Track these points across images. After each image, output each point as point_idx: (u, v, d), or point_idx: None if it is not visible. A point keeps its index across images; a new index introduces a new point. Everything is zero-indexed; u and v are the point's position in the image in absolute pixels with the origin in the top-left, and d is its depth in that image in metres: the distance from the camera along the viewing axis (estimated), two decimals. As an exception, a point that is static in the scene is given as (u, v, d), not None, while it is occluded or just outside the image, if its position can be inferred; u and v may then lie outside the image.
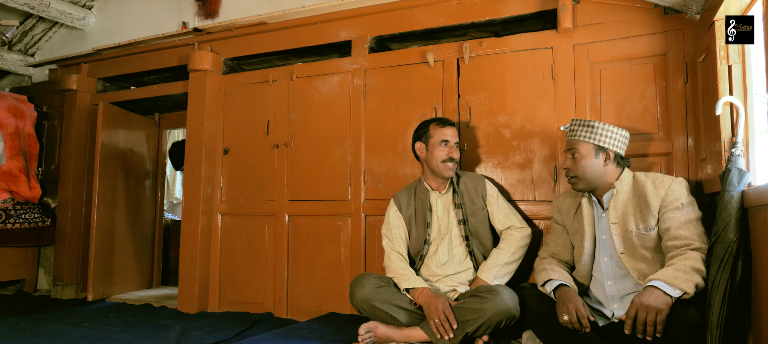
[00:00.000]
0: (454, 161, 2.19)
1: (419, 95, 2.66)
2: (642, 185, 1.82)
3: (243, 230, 3.06)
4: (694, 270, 1.59)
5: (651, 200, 1.78)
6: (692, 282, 1.56)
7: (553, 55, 2.40)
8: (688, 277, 1.57)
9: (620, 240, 1.82)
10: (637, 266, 1.78)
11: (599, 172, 1.85)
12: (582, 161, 1.85)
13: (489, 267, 2.12)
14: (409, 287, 2.09)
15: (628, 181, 1.86)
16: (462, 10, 2.61)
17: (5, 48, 4.10)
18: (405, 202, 2.31)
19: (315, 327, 2.43)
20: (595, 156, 1.84)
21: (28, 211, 3.56)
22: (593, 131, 1.84)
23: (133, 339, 2.34)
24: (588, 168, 1.84)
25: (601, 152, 1.84)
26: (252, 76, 3.12)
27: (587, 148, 1.85)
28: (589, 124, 1.86)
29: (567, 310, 1.71)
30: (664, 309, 1.51)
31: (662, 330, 1.51)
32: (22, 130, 3.68)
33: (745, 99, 1.76)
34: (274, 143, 3.00)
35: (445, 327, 1.93)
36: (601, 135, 1.84)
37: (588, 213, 1.92)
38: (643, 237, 1.78)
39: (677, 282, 1.56)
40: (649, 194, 1.79)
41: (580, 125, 1.88)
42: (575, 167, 1.86)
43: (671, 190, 1.76)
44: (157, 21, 3.58)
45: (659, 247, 1.77)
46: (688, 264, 1.60)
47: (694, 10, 2.12)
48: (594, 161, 1.84)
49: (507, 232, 2.21)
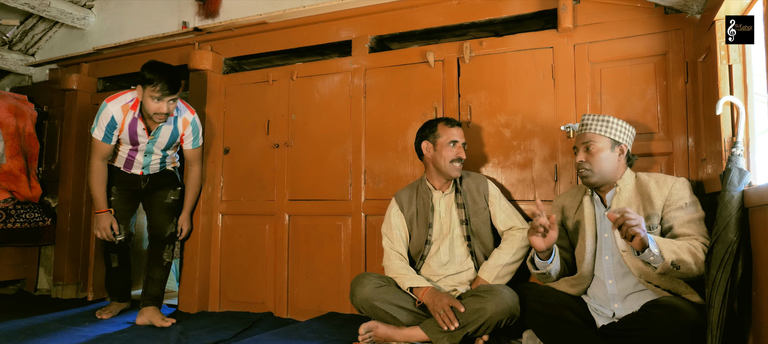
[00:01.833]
0: (461, 161, 2.20)
1: (419, 95, 2.66)
2: (645, 184, 1.83)
3: (243, 229, 3.06)
4: (688, 250, 1.59)
5: (655, 199, 1.78)
6: (675, 255, 1.56)
7: (554, 55, 2.40)
8: (675, 249, 1.57)
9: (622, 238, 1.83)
10: (639, 264, 1.78)
11: (614, 166, 1.86)
12: (598, 154, 1.84)
13: (490, 267, 2.12)
14: (413, 285, 2.09)
15: (631, 180, 1.87)
16: (462, 9, 2.61)
17: (6, 48, 4.10)
18: (406, 201, 2.31)
19: (315, 327, 2.43)
20: (611, 149, 1.85)
21: (29, 211, 3.56)
22: (608, 125, 1.85)
23: (133, 338, 2.34)
24: (604, 161, 1.84)
25: (616, 145, 1.85)
26: (252, 76, 3.12)
27: (604, 141, 1.85)
28: (604, 118, 1.87)
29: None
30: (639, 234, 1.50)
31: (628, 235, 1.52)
32: (22, 129, 3.68)
33: (746, 99, 1.76)
34: (275, 143, 3.00)
35: (449, 317, 1.93)
36: (615, 130, 1.85)
37: (590, 212, 1.92)
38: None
39: (663, 247, 1.56)
40: (653, 192, 1.79)
41: (595, 120, 1.88)
42: (591, 160, 1.85)
43: (674, 189, 1.77)
44: (158, 21, 3.58)
45: None
46: (685, 244, 1.61)
47: (695, 10, 2.12)
48: (610, 154, 1.85)
49: (509, 233, 2.21)
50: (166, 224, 2.83)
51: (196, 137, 2.82)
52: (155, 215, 2.84)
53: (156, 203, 2.84)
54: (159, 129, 2.66)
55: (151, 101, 2.49)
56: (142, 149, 2.73)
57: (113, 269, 2.88)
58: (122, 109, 2.58)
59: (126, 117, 2.59)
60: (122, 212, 2.79)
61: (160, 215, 2.83)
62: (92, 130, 2.61)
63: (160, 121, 2.57)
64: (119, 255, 2.87)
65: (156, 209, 2.84)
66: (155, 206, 2.84)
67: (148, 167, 2.80)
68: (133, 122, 2.60)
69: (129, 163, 2.77)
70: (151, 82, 2.45)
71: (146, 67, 2.50)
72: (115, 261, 2.87)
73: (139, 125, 2.61)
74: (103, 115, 2.56)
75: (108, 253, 2.86)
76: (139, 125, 2.61)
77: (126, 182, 2.80)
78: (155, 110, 2.51)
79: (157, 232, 2.83)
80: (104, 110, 2.56)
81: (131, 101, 2.59)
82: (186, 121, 2.75)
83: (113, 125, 2.58)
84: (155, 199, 2.85)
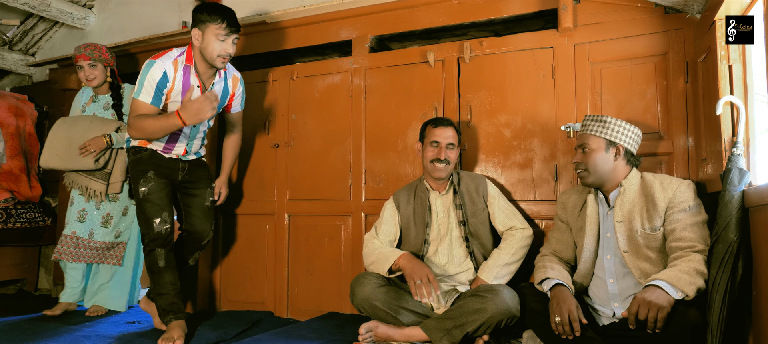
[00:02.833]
0: (442, 161, 2.19)
1: (420, 95, 2.66)
2: (650, 185, 1.83)
3: (243, 229, 3.06)
4: (697, 272, 1.59)
5: (658, 201, 1.78)
6: (695, 285, 1.57)
7: (554, 55, 2.40)
8: (691, 280, 1.57)
9: (625, 239, 1.83)
10: (640, 265, 1.78)
11: (609, 167, 1.86)
12: (592, 154, 1.86)
13: (489, 267, 2.12)
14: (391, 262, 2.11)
15: (636, 180, 1.87)
16: (462, 9, 2.61)
17: (6, 48, 4.10)
18: (404, 201, 2.32)
19: (315, 327, 2.43)
20: (605, 151, 1.85)
21: (29, 210, 3.56)
22: (604, 126, 1.85)
23: (134, 338, 2.34)
24: (598, 162, 1.85)
25: (611, 146, 1.85)
26: (252, 76, 3.12)
27: (598, 142, 1.86)
28: (601, 119, 1.87)
29: (560, 311, 1.71)
30: (666, 307, 1.52)
31: (662, 328, 1.51)
32: (22, 129, 3.68)
33: (746, 99, 1.76)
34: (275, 143, 3.00)
35: (426, 289, 1.94)
36: (612, 130, 1.85)
37: (593, 210, 1.92)
38: (649, 237, 1.78)
39: (680, 284, 1.56)
40: (657, 194, 1.79)
41: (592, 120, 1.90)
42: (587, 160, 1.87)
43: (679, 191, 1.77)
44: (158, 21, 3.58)
45: (664, 247, 1.78)
46: (691, 266, 1.60)
47: (695, 10, 2.12)
48: (604, 155, 1.85)
49: (508, 233, 2.21)
50: (208, 231, 2.52)
51: (243, 97, 2.61)
52: (196, 221, 2.49)
53: (195, 205, 2.50)
54: (212, 86, 2.38)
55: (216, 42, 2.22)
56: None
57: (161, 269, 2.33)
58: (173, 64, 2.27)
59: (177, 72, 2.27)
60: (162, 201, 2.33)
61: (201, 221, 2.50)
62: (136, 94, 2.24)
63: (222, 65, 2.28)
64: (166, 252, 2.34)
65: (196, 212, 2.50)
66: (194, 209, 2.50)
67: (192, 141, 2.46)
68: (186, 77, 2.29)
69: (173, 137, 2.38)
70: (215, 20, 2.21)
71: (203, 7, 2.25)
72: (161, 259, 2.33)
73: (194, 79, 2.30)
74: (152, 72, 2.22)
75: (152, 249, 2.32)
76: (194, 79, 2.30)
77: (163, 167, 2.39)
78: (220, 50, 2.24)
79: (195, 237, 2.51)
80: (152, 66, 2.23)
81: (180, 54, 2.30)
82: (236, 78, 2.51)
83: (165, 81, 2.24)
84: (194, 200, 2.50)
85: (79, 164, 2.77)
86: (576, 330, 1.68)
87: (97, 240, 2.84)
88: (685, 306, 1.55)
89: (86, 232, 2.83)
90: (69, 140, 2.77)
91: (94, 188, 2.83)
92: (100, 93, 2.94)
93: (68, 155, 2.76)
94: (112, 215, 2.88)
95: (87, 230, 2.83)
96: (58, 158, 2.78)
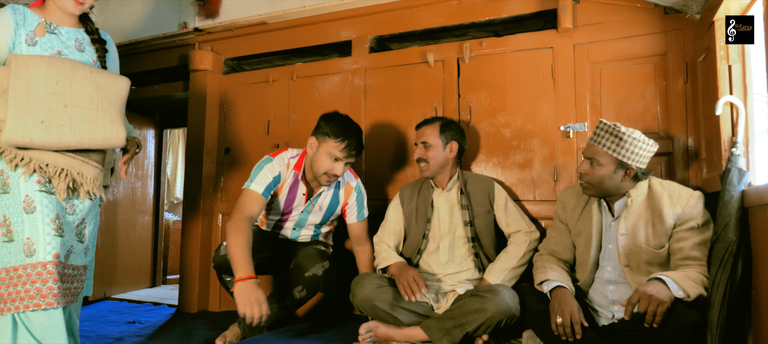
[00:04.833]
0: (421, 160, 2.23)
1: (420, 95, 2.67)
2: (658, 197, 1.75)
3: (243, 229, 3.06)
4: (701, 282, 1.60)
5: (666, 217, 1.72)
6: (697, 290, 1.57)
7: (554, 55, 2.41)
8: (695, 285, 1.58)
9: (626, 253, 1.79)
10: (640, 280, 1.75)
11: (615, 185, 1.77)
12: (600, 171, 1.75)
13: (497, 271, 2.12)
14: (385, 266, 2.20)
15: (644, 190, 1.78)
16: (462, 9, 2.61)
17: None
18: (408, 197, 2.34)
19: (316, 327, 2.43)
20: (614, 171, 1.74)
21: None
22: (619, 145, 1.71)
23: (134, 338, 2.34)
24: (605, 181, 1.76)
25: (622, 167, 1.74)
26: (252, 76, 3.12)
27: (608, 160, 1.73)
28: (617, 134, 1.71)
29: (561, 312, 1.70)
30: (666, 302, 1.51)
31: (659, 323, 1.51)
32: None
33: (745, 99, 1.76)
34: (275, 143, 3.00)
35: (412, 288, 2.01)
36: (626, 150, 1.70)
37: (596, 220, 1.86)
38: (652, 254, 1.75)
39: (685, 284, 1.56)
40: (665, 209, 1.72)
41: (607, 132, 1.74)
42: (591, 176, 1.78)
43: (688, 207, 1.71)
44: (158, 21, 3.58)
45: (666, 263, 1.75)
46: (697, 275, 1.61)
47: (694, 10, 2.12)
48: (612, 175, 1.74)
49: (516, 236, 2.20)
50: (311, 264, 2.25)
51: (362, 207, 2.39)
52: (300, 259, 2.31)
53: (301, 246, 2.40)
54: (319, 194, 2.30)
55: (327, 159, 2.14)
56: (293, 219, 2.35)
57: None
58: (286, 166, 2.25)
59: (287, 176, 2.26)
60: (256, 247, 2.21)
61: (306, 258, 2.28)
62: (247, 185, 2.18)
63: (327, 183, 2.20)
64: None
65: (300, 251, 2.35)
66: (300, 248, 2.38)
67: (299, 230, 2.42)
68: (294, 183, 2.26)
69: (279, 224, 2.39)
70: (337, 138, 2.11)
71: (331, 118, 2.18)
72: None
73: (301, 187, 2.26)
74: (268, 168, 2.20)
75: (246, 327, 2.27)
76: (300, 187, 2.26)
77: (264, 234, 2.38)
78: (328, 169, 2.15)
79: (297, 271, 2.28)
80: (269, 163, 2.21)
81: (294, 157, 2.27)
82: (350, 187, 2.36)
83: (276, 181, 2.22)
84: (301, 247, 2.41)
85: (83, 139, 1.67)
86: (577, 332, 1.67)
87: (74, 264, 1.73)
88: (685, 306, 1.56)
89: (64, 252, 1.67)
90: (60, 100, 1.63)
91: (87, 176, 1.74)
92: (63, 25, 1.78)
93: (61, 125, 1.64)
94: (87, 223, 1.80)
95: (65, 250, 1.68)
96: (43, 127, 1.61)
